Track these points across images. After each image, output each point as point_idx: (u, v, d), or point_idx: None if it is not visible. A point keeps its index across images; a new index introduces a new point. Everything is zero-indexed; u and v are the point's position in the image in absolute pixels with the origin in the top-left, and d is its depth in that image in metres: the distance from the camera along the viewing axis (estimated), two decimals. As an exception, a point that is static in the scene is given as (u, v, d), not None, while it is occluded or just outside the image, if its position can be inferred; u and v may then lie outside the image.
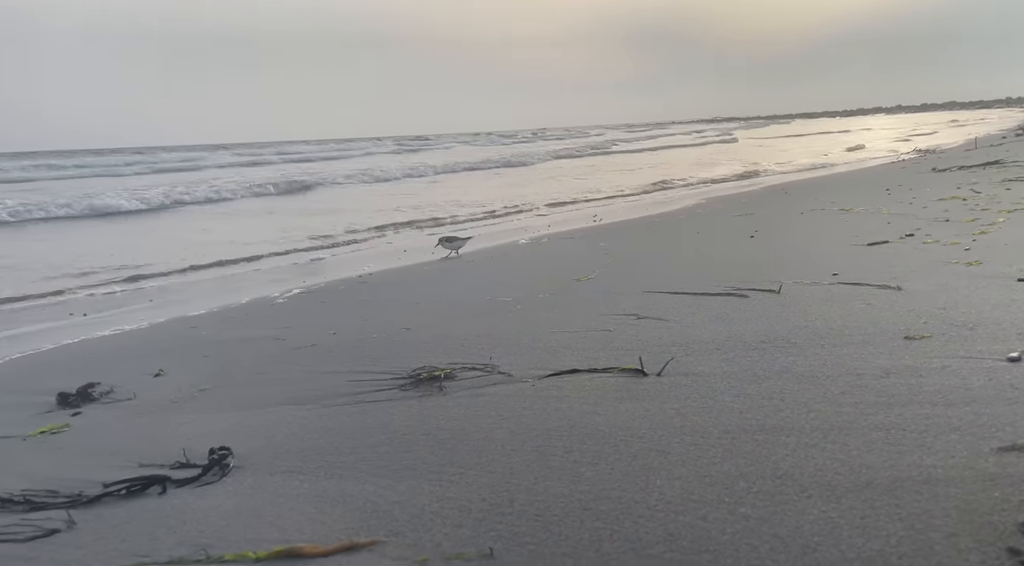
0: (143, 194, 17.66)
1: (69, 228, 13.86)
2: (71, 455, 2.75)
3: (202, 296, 6.69)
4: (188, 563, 1.86)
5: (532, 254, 7.61)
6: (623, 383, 2.92)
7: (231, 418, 3.01)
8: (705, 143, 42.17)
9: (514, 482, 2.13)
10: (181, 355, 4.18)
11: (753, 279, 4.63)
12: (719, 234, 7.57)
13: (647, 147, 40.60)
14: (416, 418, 2.77)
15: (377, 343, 4.03)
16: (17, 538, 2.09)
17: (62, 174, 32.56)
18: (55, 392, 3.50)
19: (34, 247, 11.63)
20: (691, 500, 1.90)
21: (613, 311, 4.19)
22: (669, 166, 24.13)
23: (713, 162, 24.71)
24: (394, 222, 12.37)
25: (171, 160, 40.99)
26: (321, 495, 2.19)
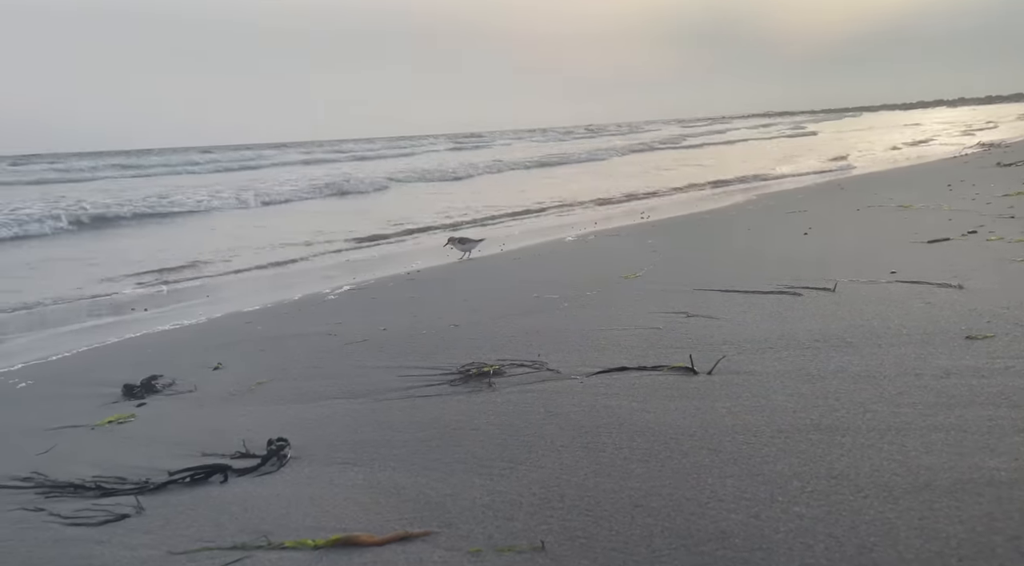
0: (202, 193, 18.20)
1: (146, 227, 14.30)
2: (137, 444, 2.87)
3: (257, 292, 6.88)
4: (250, 549, 1.93)
5: (578, 251, 7.60)
6: (673, 381, 2.91)
7: (287, 411, 3.10)
8: (781, 136, 41.40)
9: (564, 477, 2.15)
10: (238, 349, 4.31)
11: (807, 277, 4.55)
12: (771, 231, 7.44)
13: (719, 141, 40.27)
14: (466, 413, 2.81)
15: (426, 339, 4.09)
16: (90, 522, 2.20)
17: (137, 173, 33.53)
18: (120, 384, 3.65)
19: (113, 244, 12.08)
20: (743, 498, 1.88)
21: (662, 309, 4.17)
22: (762, 158, 23.85)
23: (804, 154, 24.34)
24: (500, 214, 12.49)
25: (236, 158, 41.72)
26: (375, 486, 2.24)
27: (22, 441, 3.05)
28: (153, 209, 16.41)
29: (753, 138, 40.29)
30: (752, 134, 46.24)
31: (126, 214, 15.82)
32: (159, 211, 16.33)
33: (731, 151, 29.55)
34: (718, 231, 8.14)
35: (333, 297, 6.10)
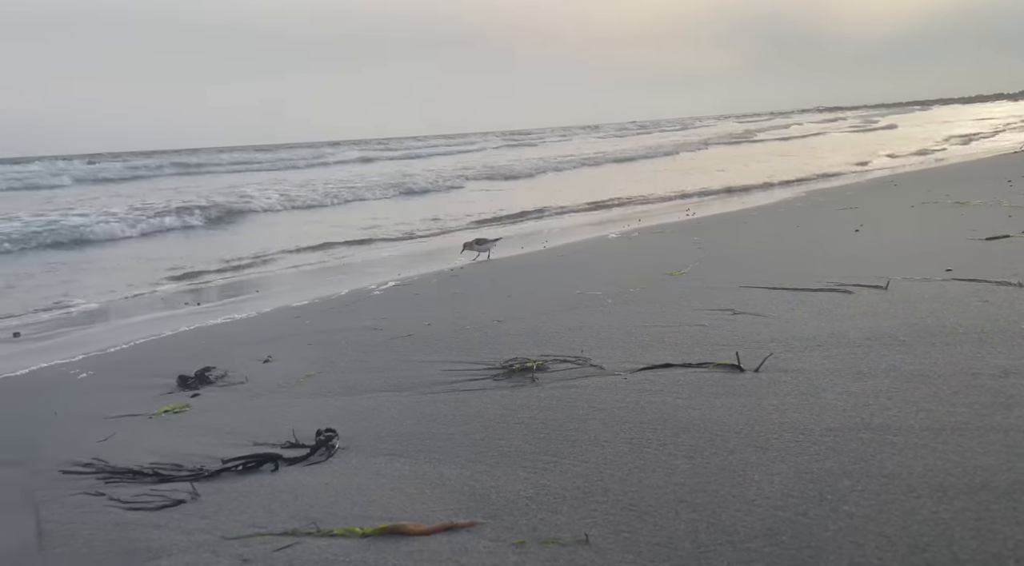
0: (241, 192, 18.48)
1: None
2: (192, 433, 2.96)
3: (305, 287, 7.01)
4: (300, 535, 1.98)
5: (622, 248, 7.56)
6: (719, 378, 2.88)
7: (335, 403, 3.16)
8: (859, 130, 40.54)
9: (608, 472, 2.15)
10: (287, 343, 4.41)
11: (858, 274, 4.45)
12: (821, 228, 7.29)
13: (792, 134, 39.76)
14: (509, 407, 2.83)
15: (470, 334, 4.12)
16: (148, 507, 2.28)
17: (207, 170, 34.05)
18: (175, 375, 3.77)
19: (166, 244, 12.45)
20: (791, 496, 1.86)
21: (707, 306, 4.12)
22: (853, 149, 23.51)
23: (897, 145, 23.90)
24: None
25: (300, 156, 41.81)
26: (421, 477, 2.28)
27: (83, 429, 3.17)
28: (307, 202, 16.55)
29: (830, 132, 39.57)
30: (824, 128, 45.34)
31: (275, 207, 16.01)
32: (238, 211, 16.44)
33: (820, 143, 29.21)
34: (765, 228, 8.01)
35: (379, 293, 6.19)
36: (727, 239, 7.26)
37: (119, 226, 12.95)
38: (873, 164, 17.98)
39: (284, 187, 19.77)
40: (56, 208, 16.52)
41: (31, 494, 2.50)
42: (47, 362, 4.78)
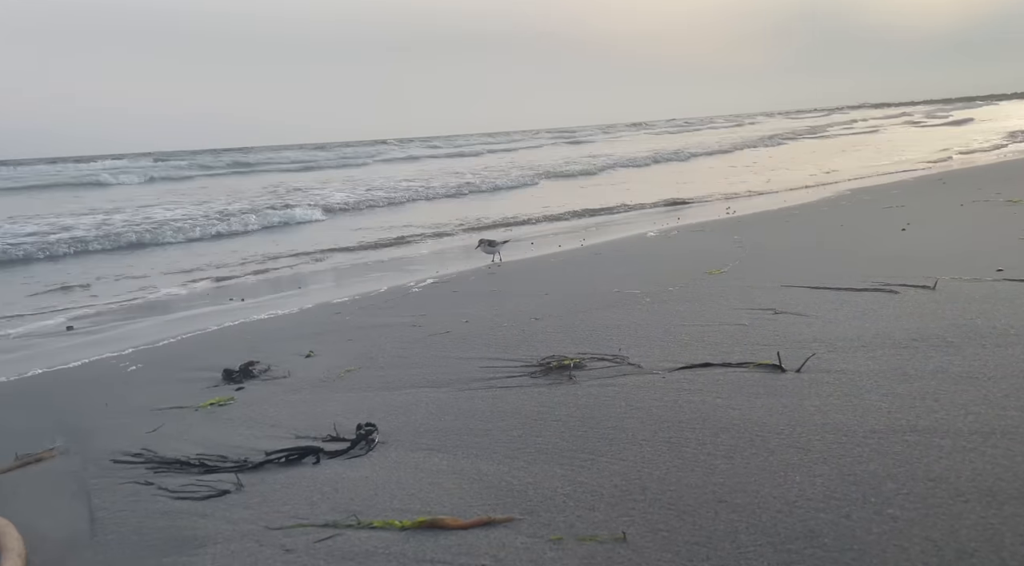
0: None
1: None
2: (236, 425, 3.03)
3: (345, 285, 7.10)
4: (341, 527, 2.01)
5: (660, 247, 7.49)
6: (759, 378, 2.85)
7: (375, 397, 3.20)
8: (942, 124, 39.46)
9: (645, 471, 2.15)
10: (328, 338, 4.48)
11: (904, 274, 4.34)
12: (866, 227, 7.12)
13: (861, 129, 39.07)
14: (547, 405, 2.83)
15: (507, 331, 4.13)
16: (194, 496, 2.34)
17: (270, 169, 34.26)
18: (220, 369, 3.86)
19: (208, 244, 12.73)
20: (833, 498, 1.83)
21: (748, 305, 4.07)
22: (946, 142, 22.94)
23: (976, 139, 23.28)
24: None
25: (354, 154, 41.90)
26: (459, 472, 2.30)
27: (133, 420, 3.27)
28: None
29: (904, 127, 38.64)
30: (893, 123, 44.28)
31: (380, 202, 16.26)
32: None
33: (905, 137, 28.57)
34: (808, 226, 7.86)
35: (417, 290, 6.24)
36: (768, 238, 7.14)
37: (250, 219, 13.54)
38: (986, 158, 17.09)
39: (370, 184, 19.95)
40: (202, 201, 16.99)
41: (84, 482, 2.59)
42: (99, 355, 4.93)
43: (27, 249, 11.07)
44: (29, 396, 4.05)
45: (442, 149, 45.13)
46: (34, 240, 11.75)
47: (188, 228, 12.80)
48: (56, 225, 13.47)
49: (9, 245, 11.29)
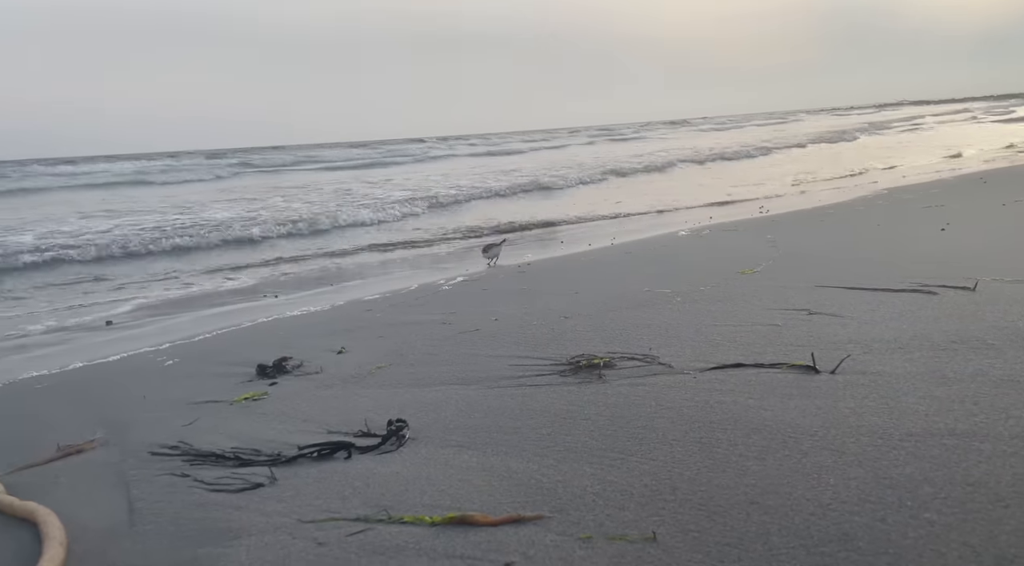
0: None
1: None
2: (269, 419, 3.08)
3: (376, 282, 7.17)
4: (372, 521, 2.04)
5: (692, 246, 7.43)
6: (792, 379, 2.81)
7: (405, 394, 3.23)
8: (999, 120, 38.40)
9: (676, 471, 2.13)
10: (360, 335, 4.53)
11: (943, 275, 4.25)
12: (903, 226, 6.99)
13: (924, 125, 38.26)
14: (576, 403, 2.83)
15: (537, 330, 4.13)
16: (229, 489, 2.39)
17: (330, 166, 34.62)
18: (254, 364, 3.92)
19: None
20: (868, 501, 1.80)
21: (781, 306, 4.02)
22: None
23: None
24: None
25: (404, 152, 41.73)
26: (488, 469, 2.31)
27: (170, 413, 3.34)
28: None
29: (969, 123, 37.72)
30: (953, 119, 43.18)
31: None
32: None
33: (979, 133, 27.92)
34: (843, 226, 7.73)
35: (447, 288, 6.27)
36: (802, 237, 7.04)
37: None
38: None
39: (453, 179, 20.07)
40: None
41: (123, 473, 2.66)
42: (136, 349, 5.05)
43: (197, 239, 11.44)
44: (70, 389, 4.16)
45: (482, 146, 44.76)
46: (235, 229, 12.15)
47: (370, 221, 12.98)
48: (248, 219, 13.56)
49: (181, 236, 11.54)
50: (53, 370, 4.66)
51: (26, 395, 4.06)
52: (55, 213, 16.62)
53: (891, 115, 61.26)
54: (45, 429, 3.27)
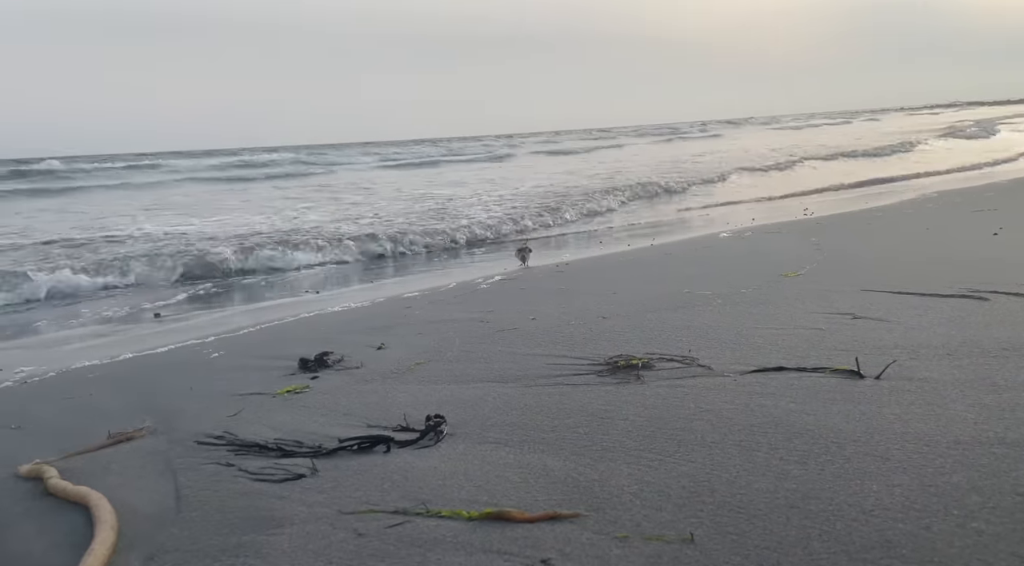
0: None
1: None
2: (311, 412, 3.14)
3: (416, 280, 7.24)
4: (411, 514, 2.06)
5: (733, 247, 7.34)
6: (836, 384, 2.76)
7: (443, 390, 3.26)
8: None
9: (715, 473, 2.12)
10: (399, 332, 4.58)
11: (995, 281, 4.13)
12: (954, 230, 6.80)
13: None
14: (614, 404, 2.83)
15: (575, 330, 4.13)
16: (272, 479, 2.44)
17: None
18: (296, 357, 3.99)
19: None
20: (913, 509, 1.77)
21: (825, 309, 3.95)
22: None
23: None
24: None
25: (477, 151, 41.72)
26: (525, 467, 2.32)
27: (215, 404, 3.42)
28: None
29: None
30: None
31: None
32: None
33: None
34: (890, 229, 7.55)
35: (485, 286, 6.30)
36: (848, 240, 6.90)
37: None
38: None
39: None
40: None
41: (171, 461, 2.73)
42: (183, 341, 5.18)
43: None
44: (120, 378, 4.29)
45: (556, 144, 43.79)
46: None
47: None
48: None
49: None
50: (104, 360, 4.81)
51: (79, 384, 4.21)
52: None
53: (975, 114, 58.31)
54: (97, 417, 3.38)
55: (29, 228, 13.99)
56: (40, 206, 19.84)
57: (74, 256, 10.08)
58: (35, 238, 12.21)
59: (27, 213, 17.96)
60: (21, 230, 13.69)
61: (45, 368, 4.74)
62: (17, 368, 4.83)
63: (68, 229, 13.48)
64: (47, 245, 11.38)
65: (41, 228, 13.91)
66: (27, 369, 4.76)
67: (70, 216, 16.53)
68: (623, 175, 19.75)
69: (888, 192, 12.21)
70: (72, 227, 13.86)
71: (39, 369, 4.73)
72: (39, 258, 10.04)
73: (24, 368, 4.80)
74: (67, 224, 14.50)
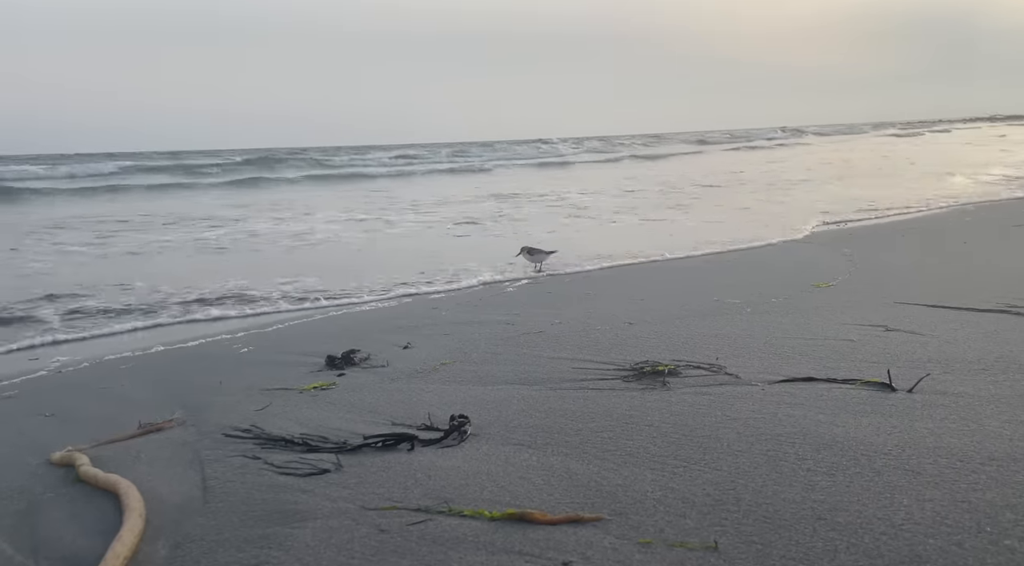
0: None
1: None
2: (337, 409, 3.17)
3: (443, 281, 7.26)
4: (433, 513, 2.07)
5: (764, 257, 7.26)
6: (866, 396, 2.72)
7: (468, 391, 3.27)
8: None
9: (740, 482, 2.09)
10: (425, 332, 4.60)
11: (1033, 296, 4.03)
12: (991, 245, 6.66)
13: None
14: (639, 409, 2.81)
15: (600, 335, 4.12)
16: (297, 472, 2.46)
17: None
18: (324, 355, 4.03)
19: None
20: (944, 524, 1.73)
21: (857, 321, 3.89)
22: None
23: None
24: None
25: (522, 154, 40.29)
26: (548, 469, 2.32)
27: (243, 398, 3.47)
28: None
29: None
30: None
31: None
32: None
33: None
34: (926, 242, 7.42)
35: (512, 289, 6.31)
36: (881, 252, 6.79)
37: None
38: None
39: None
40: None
41: (199, 452, 2.77)
42: (214, 337, 5.26)
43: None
44: (152, 370, 4.37)
45: (606, 151, 42.17)
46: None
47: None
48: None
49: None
50: (136, 353, 4.90)
51: (112, 375, 4.29)
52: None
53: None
54: (128, 407, 3.44)
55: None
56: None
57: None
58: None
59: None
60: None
61: (80, 358, 4.84)
62: (54, 357, 4.94)
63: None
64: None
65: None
66: (62, 359, 4.87)
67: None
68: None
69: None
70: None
71: (73, 359, 4.83)
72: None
73: (60, 358, 4.91)
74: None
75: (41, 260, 9.14)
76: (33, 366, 4.68)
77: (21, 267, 8.61)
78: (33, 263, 8.90)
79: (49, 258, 9.35)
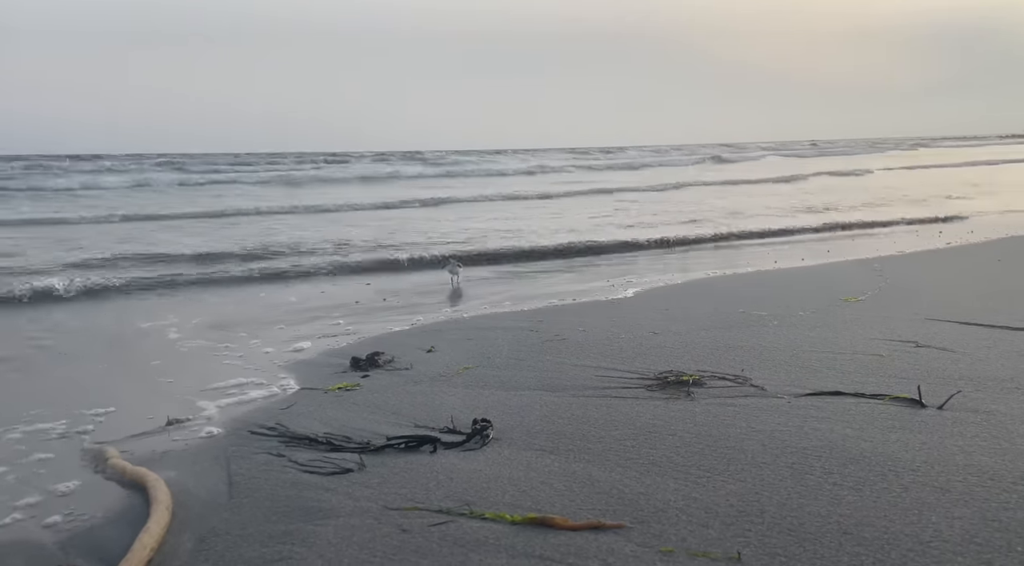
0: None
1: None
2: (361, 409, 3.19)
3: (470, 286, 7.27)
4: (454, 514, 2.08)
5: (792, 270, 7.18)
6: (895, 412, 2.68)
7: (491, 396, 3.27)
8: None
9: (764, 494, 2.07)
10: (449, 336, 4.61)
11: (1070, 315, 3.95)
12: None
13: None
14: (662, 418, 2.80)
15: (624, 343, 4.10)
16: (321, 471, 2.49)
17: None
18: (349, 356, 4.07)
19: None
20: (974, 542, 1.70)
21: (886, 336, 3.83)
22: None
23: None
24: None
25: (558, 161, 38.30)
26: (570, 475, 2.31)
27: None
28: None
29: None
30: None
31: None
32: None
33: None
34: (958, 259, 7.29)
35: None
36: (912, 268, 6.69)
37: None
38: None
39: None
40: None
41: (224, 449, 2.81)
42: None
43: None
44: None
45: (616, 160, 40.91)
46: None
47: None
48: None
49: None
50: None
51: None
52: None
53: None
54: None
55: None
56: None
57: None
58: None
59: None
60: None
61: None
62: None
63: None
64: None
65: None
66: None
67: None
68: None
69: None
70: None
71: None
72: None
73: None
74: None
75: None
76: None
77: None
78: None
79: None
